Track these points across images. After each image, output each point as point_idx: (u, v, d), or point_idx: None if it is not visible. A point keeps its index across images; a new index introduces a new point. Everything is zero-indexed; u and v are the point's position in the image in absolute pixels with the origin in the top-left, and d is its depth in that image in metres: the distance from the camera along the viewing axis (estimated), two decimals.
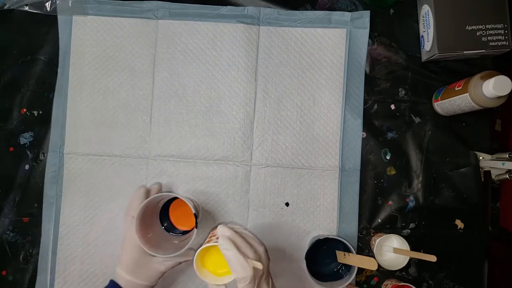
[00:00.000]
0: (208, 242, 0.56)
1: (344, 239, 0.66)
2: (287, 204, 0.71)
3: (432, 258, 0.61)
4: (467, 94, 0.61)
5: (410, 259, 0.68)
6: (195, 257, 0.56)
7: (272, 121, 0.72)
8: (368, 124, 0.72)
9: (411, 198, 0.71)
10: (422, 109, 0.72)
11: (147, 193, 0.66)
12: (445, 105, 0.67)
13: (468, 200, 0.71)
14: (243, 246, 0.53)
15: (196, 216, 0.61)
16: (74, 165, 0.72)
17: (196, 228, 0.61)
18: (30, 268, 0.71)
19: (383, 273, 0.70)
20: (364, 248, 0.71)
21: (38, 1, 0.72)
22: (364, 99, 0.72)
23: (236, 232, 0.55)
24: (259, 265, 0.52)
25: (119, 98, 0.72)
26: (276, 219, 0.71)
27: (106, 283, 0.61)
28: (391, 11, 0.73)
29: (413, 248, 0.68)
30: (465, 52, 0.65)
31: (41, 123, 0.73)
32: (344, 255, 0.65)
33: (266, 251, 0.56)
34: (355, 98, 0.72)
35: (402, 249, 0.66)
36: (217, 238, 0.54)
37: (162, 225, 0.69)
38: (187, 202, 0.62)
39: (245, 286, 0.52)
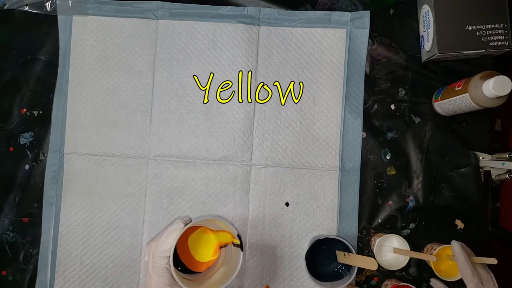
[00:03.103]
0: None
1: (344, 239, 0.66)
2: (287, 204, 0.71)
3: (432, 258, 0.61)
4: (467, 94, 0.61)
5: (410, 259, 0.68)
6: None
7: (272, 121, 0.72)
8: (368, 124, 0.72)
9: (411, 198, 0.71)
10: (422, 109, 0.72)
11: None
12: (445, 105, 0.67)
13: (468, 200, 0.71)
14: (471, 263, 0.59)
15: (239, 237, 0.59)
16: (74, 165, 0.72)
17: (242, 250, 0.58)
18: (30, 268, 0.71)
19: (383, 273, 0.70)
20: (364, 248, 0.71)
21: (38, 1, 0.72)
22: (364, 99, 0.72)
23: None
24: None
25: (119, 98, 0.72)
26: (276, 219, 0.71)
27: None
28: (391, 11, 0.73)
29: (413, 248, 0.68)
30: (465, 52, 0.65)
31: (41, 123, 0.73)
32: (344, 255, 0.65)
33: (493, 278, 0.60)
34: (355, 98, 0.72)
35: (402, 249, 0.66)
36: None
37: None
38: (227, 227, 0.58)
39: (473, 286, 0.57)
